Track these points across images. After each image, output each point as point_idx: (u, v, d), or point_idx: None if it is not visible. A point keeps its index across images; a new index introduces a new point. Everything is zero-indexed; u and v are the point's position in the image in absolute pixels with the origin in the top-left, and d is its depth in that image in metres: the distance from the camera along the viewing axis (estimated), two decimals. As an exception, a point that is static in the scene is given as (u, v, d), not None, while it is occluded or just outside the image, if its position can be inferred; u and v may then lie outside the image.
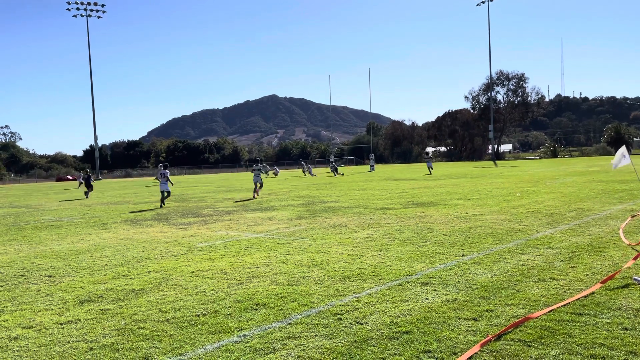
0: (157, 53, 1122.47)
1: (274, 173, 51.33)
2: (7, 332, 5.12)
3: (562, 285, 5.90)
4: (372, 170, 56.59)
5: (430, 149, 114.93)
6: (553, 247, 8.07)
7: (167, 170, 20.19)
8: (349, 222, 12.18)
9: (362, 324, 4.89)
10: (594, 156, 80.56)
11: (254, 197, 21.82)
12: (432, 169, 41.69)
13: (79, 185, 43.92)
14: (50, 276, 7.58)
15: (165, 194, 19.80)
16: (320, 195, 21.66)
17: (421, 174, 38.83)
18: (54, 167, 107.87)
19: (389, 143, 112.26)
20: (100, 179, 76.06)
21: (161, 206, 19.41)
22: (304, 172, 51.42)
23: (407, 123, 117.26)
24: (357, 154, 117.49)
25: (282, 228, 11.79)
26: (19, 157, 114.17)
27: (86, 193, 28.32)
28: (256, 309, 5.48)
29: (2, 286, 7.09)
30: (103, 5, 77.32)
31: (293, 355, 4.23)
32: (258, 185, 23.15)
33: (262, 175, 34.70)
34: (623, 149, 9.21)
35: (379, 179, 35.20)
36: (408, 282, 6.30)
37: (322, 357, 4.16)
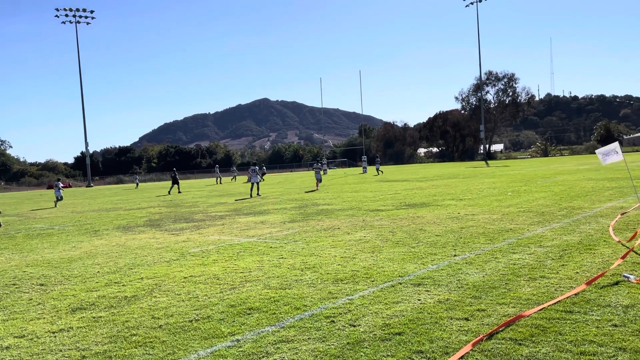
0: (148, 58, 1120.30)
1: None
2: (-1, 342, 5.09)
3: (552, 284, 5.96)
4: (364, 172, 56.68)
5: (422, 150, 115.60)
6: (544, 246, 8.13)
7: (257, 167, 26.47)
8: (341, 225, 12.20)
9: (354, 326, 4.91)
10: (585, 154, 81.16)
11: (316, 188, 26.89)
12: (380, 171, 48.37)
13: (137, 186, 53.76)
14: (42, 285, 7.54)
15: (255, 185, 24.69)
16: (313, 198, 21.67)
17: (416, 175, 38.96)
18: (44, 174, 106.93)
19: (381, 145, 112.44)
20: (92, 186, 75.69)
21: (251, 196, 23.95)
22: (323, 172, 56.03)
23: (399, 124, 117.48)
24: (350, 156, 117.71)
25: (275, 232, 11.79)
26: (9, 165, 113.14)
27: (177, 189, 33.90)
28: (249, 314, 5.49)
29: (-7, 296, 7.05)
30: (92, 12, 77.14)
31: (286, 358, 4.23)
32: (318, 180, 29.07)
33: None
34: (616, 145, 9.28)
35: (372, 180, 35.27)
36: (400, 284, 6.33)
37: (315, 360, 4.17)
